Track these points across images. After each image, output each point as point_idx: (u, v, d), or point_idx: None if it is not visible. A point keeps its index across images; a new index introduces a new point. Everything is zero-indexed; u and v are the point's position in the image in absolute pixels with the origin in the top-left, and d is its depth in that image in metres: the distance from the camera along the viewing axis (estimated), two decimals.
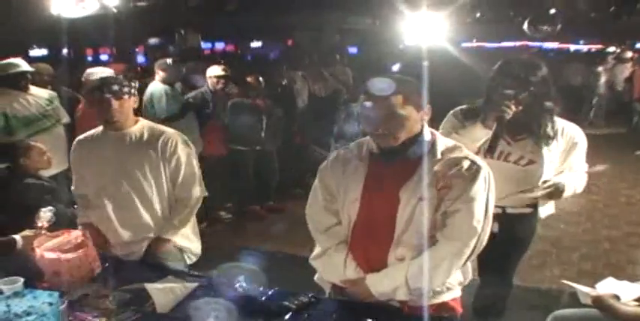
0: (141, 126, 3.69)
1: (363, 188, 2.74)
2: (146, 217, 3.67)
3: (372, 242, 2.76)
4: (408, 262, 2.67)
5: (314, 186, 2.97)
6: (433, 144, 2.68)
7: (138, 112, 3.81)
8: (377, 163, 2.75)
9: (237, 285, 2.89)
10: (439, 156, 2.65)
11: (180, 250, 3.80)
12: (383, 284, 2.69)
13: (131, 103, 3.60)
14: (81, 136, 3.82)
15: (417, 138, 2.66)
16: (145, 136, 3.64)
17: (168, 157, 3.63)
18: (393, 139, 2.63)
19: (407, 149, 2.66)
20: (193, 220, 3.88)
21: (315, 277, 3.07)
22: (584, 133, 3.59)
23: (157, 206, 3.69)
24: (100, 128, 3.72)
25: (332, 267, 2.88)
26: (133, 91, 3.57)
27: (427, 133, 2.70)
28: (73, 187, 3.89)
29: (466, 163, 2.62)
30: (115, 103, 3.47)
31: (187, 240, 3.84)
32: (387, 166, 2.71)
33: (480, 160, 2.70)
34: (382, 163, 2.73)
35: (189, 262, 3.86)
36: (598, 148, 11.22)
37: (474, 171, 2.61)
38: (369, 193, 2.73)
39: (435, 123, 3.03)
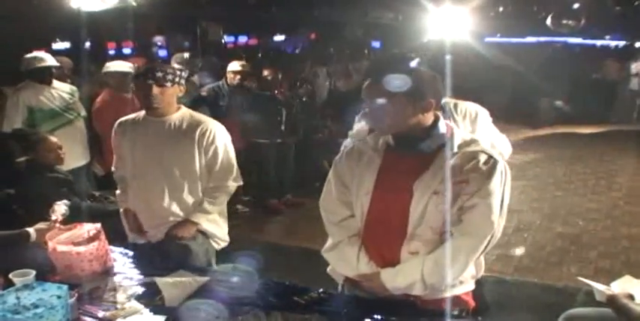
0: (181, 114, 3.74)
1: (376, 181, 2.71)
2: (175, 204, 3.72)
3: (384, 235, 2.74)
4: (424, 257, 2.64)
5: (328, 177, 2.95)
6: (450, 137, 2.65)
7: None
8: (392, 155, 2.72)
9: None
10: (456, 149, 2.61)
11: (205, 234, 3.83)
12: (398, 280, 2.67)
13: (174, 91, 3.63)
14: (122, 119, 3.90)
15: (430, 131, 2.63)
16: (184, 124, 3.69)
17: (206, 146, 3.67)
18: (380, 127, 2.69)
19: (421, 142, 2.63)
20: (223, 206, 3.92)
21: (328, 269, 3.04)
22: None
23: (188, 195, 3.73)
24: (143, 113, 3.78)
25: (344, 261, 2.86)
26: (177, 79, 3.60)
27: (442, 126, 2.66)
28: (113, 168, 4.01)
29: (483, 157, 2.58)
30: (155, 90, 3.52)
31: (215, 225, 3.88)
32: (402, 158, 2.69)
33: (496, 153, 2.66)
34: (397, 155, 2.71)
35: (217, 247, 3.91)
36: (625, 143, 11.24)
37: (491, 165, 2.57)
38: (382, 185, 2.71)
39: None
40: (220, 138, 3.74)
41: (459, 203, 2.58)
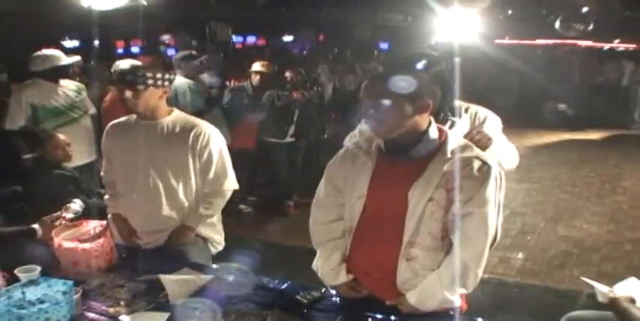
0: (174, 117, 3.65)
1: (370, 185, 2.69)
2: (171, 209, 3.62)
3: (378, 240, 2.71)
4: (437, 274, 2.60)
5: (321, 181, 2.95)
6: (443, 142, 2.60)
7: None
8: (385, 160, 2.69)
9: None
10: (449, 155, 2.55)
11: (204, 239, 3.75)
12: (428, 304, 2.62)
13: (151, 93, 3.50)
14: (114, 122, 3.81)
15: (423, 135, 2.59)
16: (177, 128, 3.59)
17: (200, 150, 3.58)
18: (378, 129, 2.61)
19: (412, 147, 2.59)
20: (219, 210, 3.83)
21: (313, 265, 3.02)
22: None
23: (183, 199, 3.63)
24: (134, 116, 3.69)
25: (316, 260, 2.92)
26: (151, 81, 3.47)
27: (434, 131, 2.62)
28: (102, 173, 3.90)
29: (477, 164, 2.52)
30: (127, 93, 3.47)
31: (212, 230, 3.80)
32: (395, 163, 2.65)
33: (490, 159, 2.60)
34: (390, 161, 2.67)
35: (214, 251, 3.83)
36: (631, 147, 11.22)
37: (485, 172, 2.51)
38: (375, 190, 2.68)
39: None
40: (215, 141, 3.65)
41: (453, 210, 2.53)
